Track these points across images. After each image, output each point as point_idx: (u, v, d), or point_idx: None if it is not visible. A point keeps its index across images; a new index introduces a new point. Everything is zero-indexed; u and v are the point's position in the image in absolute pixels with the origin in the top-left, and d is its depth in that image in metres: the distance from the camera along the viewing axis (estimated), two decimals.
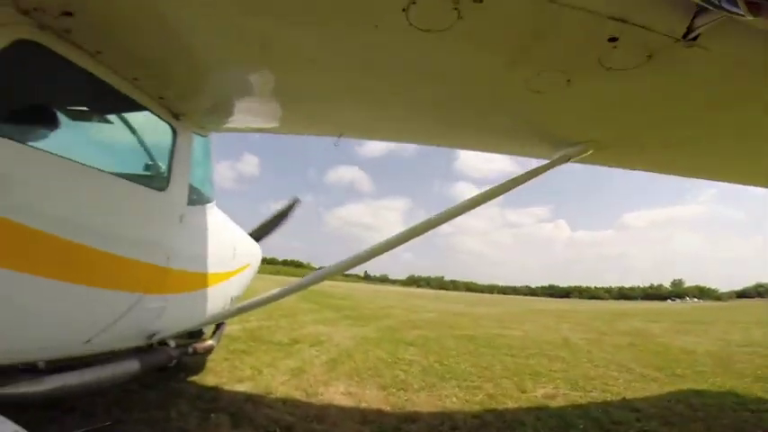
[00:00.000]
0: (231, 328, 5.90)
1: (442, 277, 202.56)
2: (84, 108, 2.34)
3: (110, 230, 2.10)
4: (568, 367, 6.17)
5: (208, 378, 4.01)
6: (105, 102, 2.26)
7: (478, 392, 4.48)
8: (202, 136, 2.97)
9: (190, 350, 3.10)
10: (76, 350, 2.13)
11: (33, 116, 1.92)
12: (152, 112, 2.42)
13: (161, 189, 2.48)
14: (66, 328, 2.01)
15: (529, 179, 2.50)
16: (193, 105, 2.56)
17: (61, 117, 2.12)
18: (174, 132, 2.58)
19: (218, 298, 3.28)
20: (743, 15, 0.68)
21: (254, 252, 4.31)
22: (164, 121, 2.51)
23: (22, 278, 1.67)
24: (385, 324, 10.56)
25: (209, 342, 3.43)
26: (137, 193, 2.33)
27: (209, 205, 3.13)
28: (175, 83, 2.28)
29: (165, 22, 1.66)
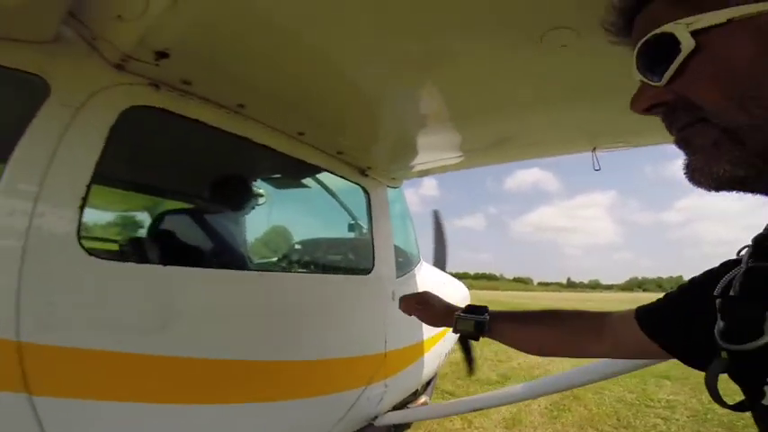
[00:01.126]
0: None
1: (680, 277, 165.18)
2: (246, 188, 1.85)
3: (321, 338, 1.73)
4: None
5: None
6: (277, 172, 1.85)
7: None
8: (394, 188, 2.31)
9: None
10: None
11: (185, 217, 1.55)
12: (334, 174, 1.84)
13: (367, 272, 1.94)
14: None
15: None
16: (381, 153, 1.89)
17: (218, 209, 1.72)
18: (367, 194, 1.96)
19: (433, 360, 2.83)
20: None
21: (462, 295, 3.69)
22: (351, 182, 1.91)
23: (246, 407, 1.41)
24: None
25: (423, 400, 2.91)
26: (342, 287, 1.85)
27: (417, 267, 2.50)
28: (353, 131, 1.63)
29: (317, 57, 1.08)
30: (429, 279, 2.65)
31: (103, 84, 1.05)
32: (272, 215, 1.90)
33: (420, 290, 2.55)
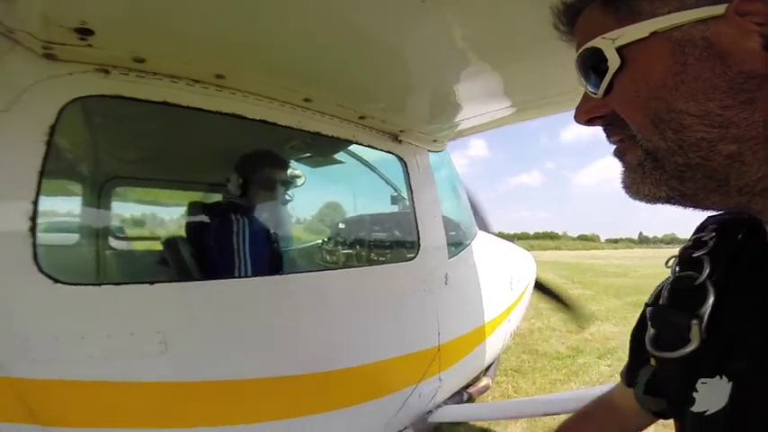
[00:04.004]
0: None
1: None
2: (252, 177, 1.56)
3: (361, 342, 1.59)
4: None
5: None
6: (282, 152, 1.57)
7: None
8: (437, 152, 1.95)
9: (464, 398, 2.51)
10: None
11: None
12: (360, 144, 1.56)
13: (411, 257, 1.69)
14: None
15: None
16: (414, 113, 1.55)
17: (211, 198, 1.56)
18: (404, 163, 1.65)
19: (496, 343, 2.61)
20: None
21: (529, 268, 3.35)
22: (382, 151, 1.61)
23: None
24: None
25: (484, 383, 2.75)
26: (382, 279, 1.63)
27: (474, 242, 2.20)
28: (373, 88, 1.32)
29: None
30: (486, 256, 2.34)
31: (35, 78, 0.86)
32: (288, 205, 1.67)
33: (480, 268, 2.28)
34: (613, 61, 0.41)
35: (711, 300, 0.43)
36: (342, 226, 1.93)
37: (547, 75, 1.33)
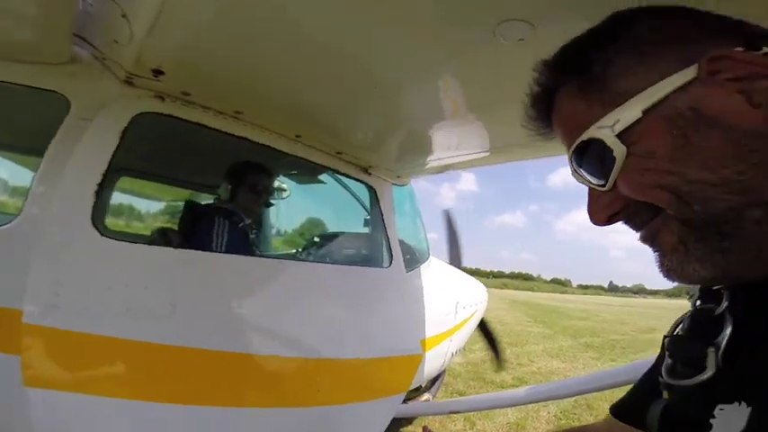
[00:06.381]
0: (455, 360, 5.03)
1: None
2: (257, 186, 1.90)
3: (349, 334, 1.84)
4: None
5: None
6: (278, 169, 2.00)
7: None
8: (401, 186, 2.36)
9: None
10: None
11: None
12: (337, 172, 1.97)
13: (388, 267, 2.04)
14: None
15: None
16: (381, 154, 1.94)
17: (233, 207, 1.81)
18: (373, 191, 2.05)
19: (436, 358, 2.83)
20: None
21: (478, 297, 3.65)
22: (355, 180, 2.01)
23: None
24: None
25: (425, 397, 3.11)
26: (368, 280, 1.96)
27: (425, 264, 2.56)
28: (348, 135, 1.70)
29: (305, 66, 1.12)
30: (435, 278, 2.68)
31: (116, 95, 1.26)
32: (276, 209, 2.08)
33: (426, 288, 2.57)
34: (619, 151, 0.39)
35: (729, 329, 0.41)
36: (307, 230, 2.33)
37: (484, 130, 1.52)
